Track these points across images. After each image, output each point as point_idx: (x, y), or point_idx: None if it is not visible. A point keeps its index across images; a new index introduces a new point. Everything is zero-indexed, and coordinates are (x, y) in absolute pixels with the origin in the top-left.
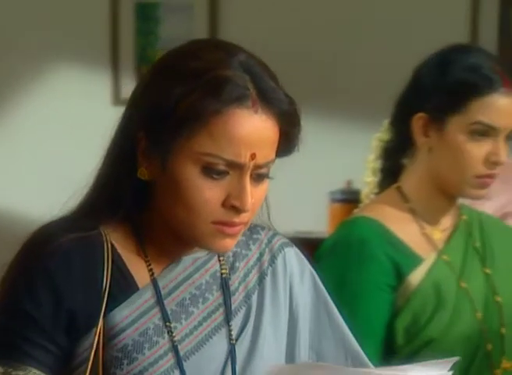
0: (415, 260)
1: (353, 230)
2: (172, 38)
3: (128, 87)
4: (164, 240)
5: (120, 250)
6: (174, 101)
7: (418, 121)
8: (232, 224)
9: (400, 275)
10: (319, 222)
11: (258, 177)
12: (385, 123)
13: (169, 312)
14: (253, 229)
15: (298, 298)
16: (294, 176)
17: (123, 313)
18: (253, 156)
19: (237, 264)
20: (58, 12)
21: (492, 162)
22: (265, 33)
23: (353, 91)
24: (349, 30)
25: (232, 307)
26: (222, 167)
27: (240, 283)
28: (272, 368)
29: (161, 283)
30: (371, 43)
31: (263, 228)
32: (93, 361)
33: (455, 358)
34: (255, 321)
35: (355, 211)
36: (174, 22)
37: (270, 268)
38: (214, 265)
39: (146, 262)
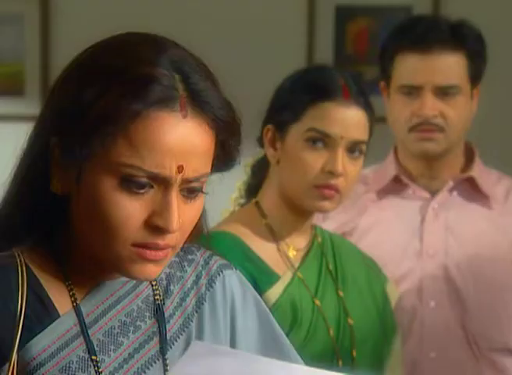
0: (272, 277)
1: (211, 246)
2: (2, 50)
3: None
4: (86, 262)
5: (37, 273)
6: (87, 102)
7: (267, 133)
8: (155, 247)
9: (257, 291)
10: None
11: (190, 193)
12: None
13: (95, 343)
14: (187, 249)
15: (241, 330)
16: None
17: (41, 345)
18: (180, 169)
19: (171, 287)
20: None
21: (327, 171)
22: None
23: None
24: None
25: (168, 336)
26: (143, 179)
27: (176, 309)
28: (194, 343)
29: (85, 310)
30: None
31: (198, 248)
32: None
33: None
34: None
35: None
36: (3, 33)
37: (208, 293)
38: (145, 289)
39: (67, 286)
